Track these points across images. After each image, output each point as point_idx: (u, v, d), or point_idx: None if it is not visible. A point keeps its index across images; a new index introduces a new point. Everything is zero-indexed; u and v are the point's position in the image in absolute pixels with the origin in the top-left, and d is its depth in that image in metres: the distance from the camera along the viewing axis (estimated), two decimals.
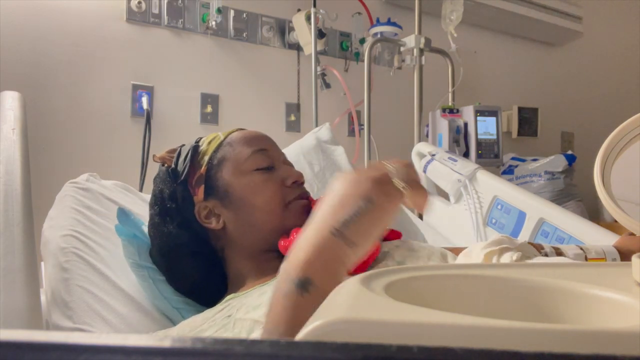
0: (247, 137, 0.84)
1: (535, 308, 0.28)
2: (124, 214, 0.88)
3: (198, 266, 0.83)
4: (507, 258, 0.66)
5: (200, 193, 0.81)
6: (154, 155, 0.99)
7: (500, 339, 0.19)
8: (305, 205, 0.80)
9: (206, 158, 0.83)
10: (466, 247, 0.75)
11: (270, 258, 0.78)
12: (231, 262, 0.82)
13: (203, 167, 0.82)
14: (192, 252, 0.82)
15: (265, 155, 0.82)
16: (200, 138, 0.89)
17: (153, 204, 0.84)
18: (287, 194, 0.80)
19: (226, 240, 0.82)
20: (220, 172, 0.81)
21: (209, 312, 0.73)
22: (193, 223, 0.81)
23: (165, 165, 0.85)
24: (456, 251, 0.81)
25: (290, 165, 0.87)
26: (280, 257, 0.77)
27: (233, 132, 0.87)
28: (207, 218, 0.81)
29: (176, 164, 0.84)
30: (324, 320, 0.21)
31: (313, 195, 1.20)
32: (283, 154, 0.88)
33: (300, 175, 0.83)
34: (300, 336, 0.21)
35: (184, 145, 0.88)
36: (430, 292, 0.28)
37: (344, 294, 0.25)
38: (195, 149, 0.85)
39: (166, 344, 0.15)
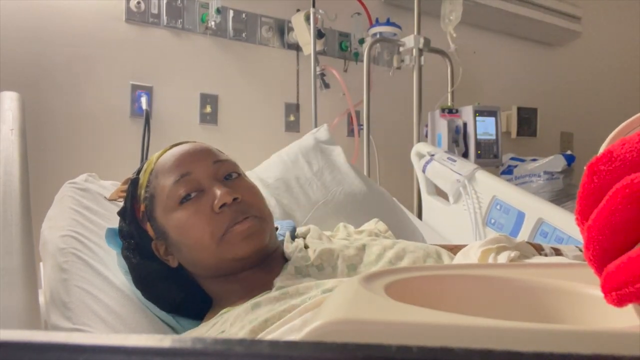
0: (167, 164, 0.77)
1: (535, 308, 0.28)
2: (112, 234, 0.86)
3: (174, 289, 0.81)
4: (504, 257, 0.66)
5: (150, 230, 0.79)
6: (105, 197, 0.97)
7: (500, 339, 0.19)
8: (241, 232, 0.72)
9: (143, 192, 0.79)
10: (465, 245, 0.75)
11: (247, 275, 0.76)
12: (208, 287, 0.81)
13: (142, 205, 0.79)
14: (164, 278, 0.80)
15: (187, 181, 0.74)
16: (144, 164, 0.84)
17: (120, 237, 0.83)
18: (219, 223, 0.72)
19: (191, 272, 0.81)
20: (154, 211, 0.77)
21: (203, 328, 0.72)
22: (156, 255, 0.80)
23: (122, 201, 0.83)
24: (455, 249, 0.81)
25: (225, 170, 0.77)
26: (263, 269, 0.75)
27: (165, 151, 0.81)
28: (166, 255, 0.80)
29: (125, 203, 0.82)
30: (324, 320, 0.21)
31: (312, 193, 1.21)
32: (214, 163, 0.77)
33: (227, 193, 0.72)
34: (300, 336, 0.21)
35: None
36: (430, 292, 0.28)
37: (344, 294, 0.25)
38: (135, 183, 0.81)
39: (166, 344, 0.15)
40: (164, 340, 0.15)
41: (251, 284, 0.74)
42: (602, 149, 0.29)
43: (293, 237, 0.86)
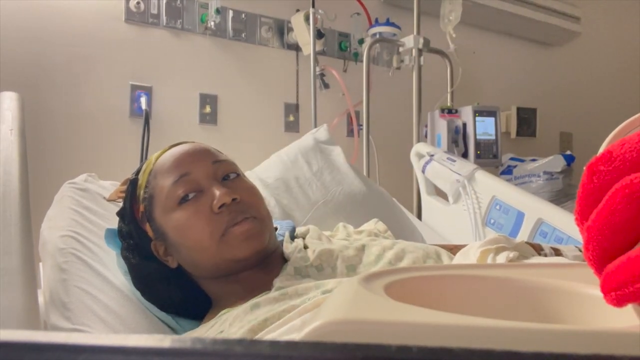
0: (166, 164, 0.77)
1: (535, 308, 0.28)
2: (111, 235, 0.86)
3: (173, 290, 0.81)
4: (503, 257, 0.66)
5: (149, 230, 0.79)
6: (104, 198, 0.97)
7: (500, 339, 0.19)
8: (240, 233, 0.71)
9: (142, 193, 0.79)
10: (464, 245, 0.75)
11: (246, 276, 0.76)
12: (208, 287, 0.81)
13: (141, 205, 0.79)
14: (163, 278, 0.80)
15: (186, 181, 0.74)
16: (143, 164, 0.84)
17: (119, 238, 0.83)
18: (218, 223, 0.72)
19: (190, 273, 0.80)
20: (153, 212, 0.77)
21: (202, 329, 0.72)
22: (155, 255, 0.80)
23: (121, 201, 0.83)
24: (454, 249, 0.81)
25: (224, 170, 0.77)
26: (262, 269, 0.75)
27: (164, 152, 0.81)
28: (165, 255, 0.79)
29: (124, 203, 0.82)
30: (324, 321, 0.21)
31: (311, 193, 1.21)
32: (213, 163, 0.77)
33: (225, 194, 0.72)
34: (300, 336, 0.21)
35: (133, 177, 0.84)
36: (429, 292, 0.28)
37: (344, 295, 0.25)
38: (134, 183, 0.81)
39: (166, 344, 0.15)
40: (163, 341, 0.15)
41: (251, 284, 0.74)
42: (601, 149, 0.29)
43: (292, 237, 0.86)
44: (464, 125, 1.90)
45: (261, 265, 0.76)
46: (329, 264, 0.75)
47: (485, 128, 1.91)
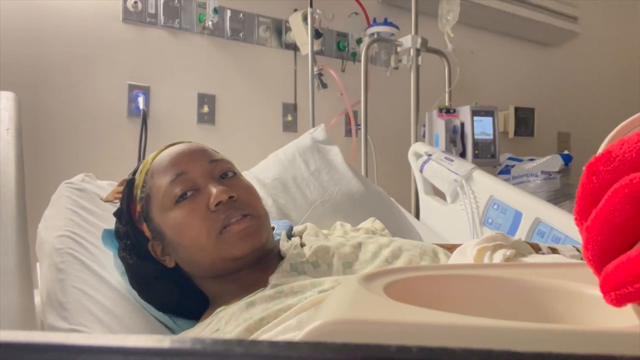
0: (163, 163, 0.77)
1: (534, 308, 0.28)
2: (108, 235, 0.86)
3: (170, 290, 0.81)
4: (500, 255, 0.65)
5: (146, 230, 0.79)
6: (101, 198, 0.97)
7: (499, 339, 0.19)
8: (238, 232, 0.72)
9: (139, 193, 0.79)
10: (461, 244, 0.74)
11: (243, 275, 0.75)
12: (205, 287, 0.81)
13: (138, 205, 0.79)
14: (160, 278, 0.80)
15: (183, 180, 0.74)
16: (140, 165, 0.84)
17: (116, 238, 0.83)
18: (214, 221, 0.72)
19: (187, 272, 0.80)
20: (150, 211, 0.77)
21: (198, 328, 0.72)
22: (152, 255, 0.80)
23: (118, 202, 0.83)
24: (452, 248, 0.81)
25: (220, 169, 0.78)
26: (260, 268, 0.75)
27: (160, 152, 0.81)
28: (162, 255, 0.79)
29: (122, 203, 0.82)
30: (324, 321, 0.21)
31: (309, 193, 1.21)
32: (210, 162, 0.77)
33: (222, 192, 0.72)
34: (299, 336, 0.21)
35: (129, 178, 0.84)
36: (429, 292, 0.28)
37: (344, 294, 0.25)
38: (131, 184, 0.81)
39: (165, 344, 0.14)
40: (163, 341, 0.15)
41: (248, 283, 0.74)
42: (601, 149, 0.29)
43: (289, 236, 0.86)
44: (462, 125, 1.90)
45: (259, 265, 0.76)
46: (324, 261, 0.75)
47: (483, 128, 1.91)
